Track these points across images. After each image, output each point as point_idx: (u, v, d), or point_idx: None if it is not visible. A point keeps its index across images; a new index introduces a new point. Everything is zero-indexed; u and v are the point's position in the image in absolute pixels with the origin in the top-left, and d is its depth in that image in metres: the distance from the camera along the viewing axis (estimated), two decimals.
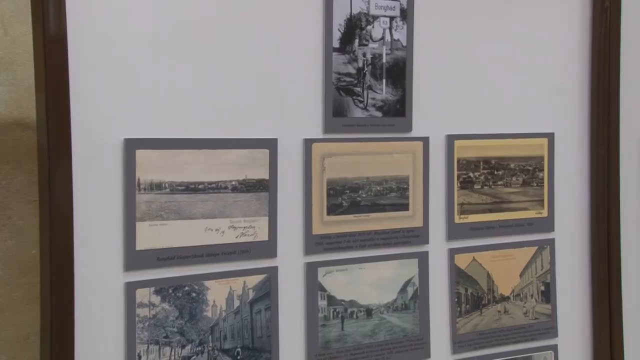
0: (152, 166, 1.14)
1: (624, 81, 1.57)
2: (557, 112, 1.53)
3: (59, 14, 1.05)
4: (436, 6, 1.38)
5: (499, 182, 1.46)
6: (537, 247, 1.51)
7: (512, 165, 1.48)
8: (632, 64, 1.58)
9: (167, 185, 1.15)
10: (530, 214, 1.50)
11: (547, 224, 1.52)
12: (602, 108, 1.55)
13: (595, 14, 1.54)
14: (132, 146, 1.12)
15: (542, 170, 1.51)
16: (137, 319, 1.13)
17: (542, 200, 1.51)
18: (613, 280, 1.58)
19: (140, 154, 1.13)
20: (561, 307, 1.54)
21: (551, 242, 1.53)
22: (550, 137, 1.51)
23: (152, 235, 1.14)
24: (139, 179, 1.13)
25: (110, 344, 1.12)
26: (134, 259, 1.13)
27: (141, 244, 1.13)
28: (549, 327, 1.52)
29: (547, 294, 1.52)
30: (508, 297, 1.48)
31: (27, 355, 1.50)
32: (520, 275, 1.50)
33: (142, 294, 1.14)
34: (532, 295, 1.51)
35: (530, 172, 1.50)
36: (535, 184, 1.50)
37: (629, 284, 1.61)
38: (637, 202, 1.64)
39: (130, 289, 1.13)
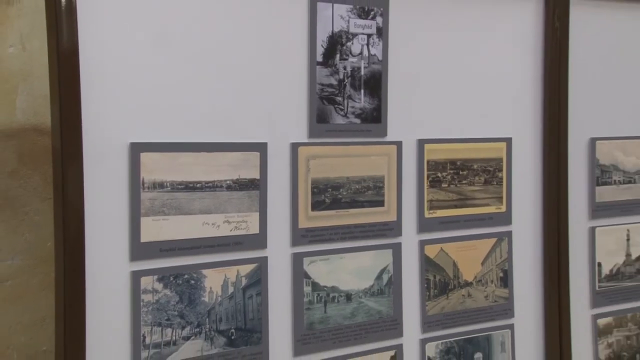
0: (155, 167, 1.13)
1: (572, 92, 1.58)
2: (514, 120, 1.53)
3: (71, 31, 1.05)
4: (408, 25, 1.37)
5: (464, 181, 1.47)
6: (496, 239, 1.51)
7: (475, 166, 1.48)
8: (579, 77, 1.60)
9: (168, 184, 1.15)
10: (491, 209, 1.50)
11: (505, 218, 1.52)
12: (553, 116, 1.56)
13: (547, 33, 1.55)
14: (137, 149, 1.12)
15: (501, 170, 1.51)
16: (141, 303, 1.13)
17: (501, 197, 1.51)
18: (562, 267, 1.59)
19: (145, 156, 1.12)
20: (517, 291, 1.55)
21: (509, 234, 1.53)
22: (508, 141, 1.52)
23: (155, 229, 1.14)
24: (143, 179, 1.12)
25: (118, 326, 1.12)
26: (139, 250, 1.13)
27: (145, 237, 1.13)
28: (506, 309, 1.53)
29: (505, 279, 1.53)
30: (471, 283, 1.48)
31: (43, 336, 1.49)
32: (482, 264, 1.50)
33: (146, 282, 1.14)
34: (492, 281, 1.51)
35: (491, 172, 1.50)
36: (495, 183, 1.50)
37: (576, 270, 1.62)
38: (583, 199, 1.65)
39: (136, 277, 1.13)
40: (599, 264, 1.67)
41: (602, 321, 1.68)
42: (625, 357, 1.71)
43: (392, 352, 1.38)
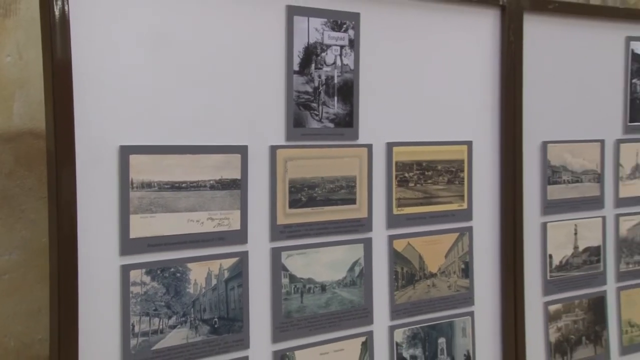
0: (143, 168, 1.13)
1: (526, 99, 1.59)
2: (474, 125, 1.54)
3: (64, 44, 1.04)
4: (377, 38, 1.38)
5: (429, 181, 1.47)
6: (458, 233, 1.52)
7: (439, 167, 1.48)
8: (532, 86, 1.61)
9: (155, 184, 1.14)
10: (454, 206, 1.51)
11: (466, 214, 1.53)
12: (509, 122, 1.57)
13: (503, 47, 1.56)
14: (126, 152, 1.11)
15: (462, 171, 1.52)
16: (130, 295, 1.13)
17: (463, 195, 1.52)
18: (517, 259, 1.60)
19: (133, 158, 1.12)
20: (477, 281, 1.56)
21: (470, 229, 1.54)
22: (469, 144, 1.53)
23: (143, 226, 1.13)
24: (132, 179, 1.12)
25: (108, 316, 1.12)
26: (128, 245, 1.12)
27: (134, 233, 1.13)
28: (467, 298, 1.54)
29: (466, 271, 1.54)
30: (435, 274, 1.49)
31: (38, 326, 1.48)
32: (445, 256, 1.51)
33: (135, 275, 1.13)
34: (454, 272, 1.52)
35: (454, 173, 1.51)
36: (457, 182, 1.51)
37: (529, 262, 1.63)
38: (536, 197, 1.66)
39: (125, 270, 1.12)
40: (550, 256, 1.69)
41: (552, 307, 1.69)
42: (573, 339, 1.73)
43: (363, 338, 1.38)
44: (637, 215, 1.85)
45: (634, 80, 1.82)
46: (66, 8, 1.04)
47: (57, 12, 1.03)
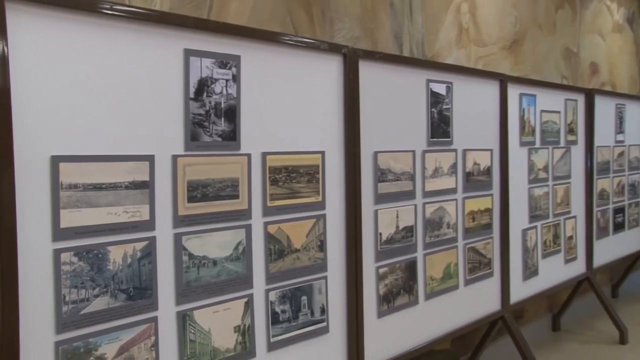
0: (70, 173, 1.14)
1: (362, 121, 1.71)
2: (326, 139, 1.63)
3: (4, 75, 1.04)
4: (254, 74, 1.44)
5: (294, 181, 1.54)
6: (315, 219, 1.60)
7: (301, 170, 1.55)
8: (366, 111, 1.72)
9: (81, 185, 1.16)
10: (312, 199, 1.59)
11: (321, 205, 1.61)
12: (350, 136, 1.68)
13: (346, 83, 1.67)
14: (56, 160, 1.13)
15: (318, 173, 1.60)
16: (62, 272, 1.14)
17: (319, 191, 1.60)
18: (357, 237, 1.72)
19: (62, 165, 1.13)
20: (329, 254, 1.65)
21: (324, 216, 1.63)
22: (322, 153, 1.62)
23: (71, 218, 1.14)
24: (61, 182, 1.13)
25: (44, 290, 1.12)
26: (59, 233, 1.13)
27: (64, 224, 1.14)
28: (322, 266, 1.63)
29: (321, 246, 1.62)
30: (299, 250, 1.56)
31: None
32: (307, 236, 1.58)
33: (65, 256, 1.14)
34: (313, 248, 1.60)
35: (312, 175, 1.58)
36: (314, 182, 1.59)
37: (366, 239, 1.75)
38: (370, 191, 1.76)
39: (57, 253, 1.13)
40: (380, 234, 1.81)
41: (381, 270, 1.82)
42: (395, 292, 1.87)
43: (245, 299, 1.44)
44: (436, 203, 2.03)
45: (432, 110, 1.98)
46: (5, 49, 1.04)
47: None
